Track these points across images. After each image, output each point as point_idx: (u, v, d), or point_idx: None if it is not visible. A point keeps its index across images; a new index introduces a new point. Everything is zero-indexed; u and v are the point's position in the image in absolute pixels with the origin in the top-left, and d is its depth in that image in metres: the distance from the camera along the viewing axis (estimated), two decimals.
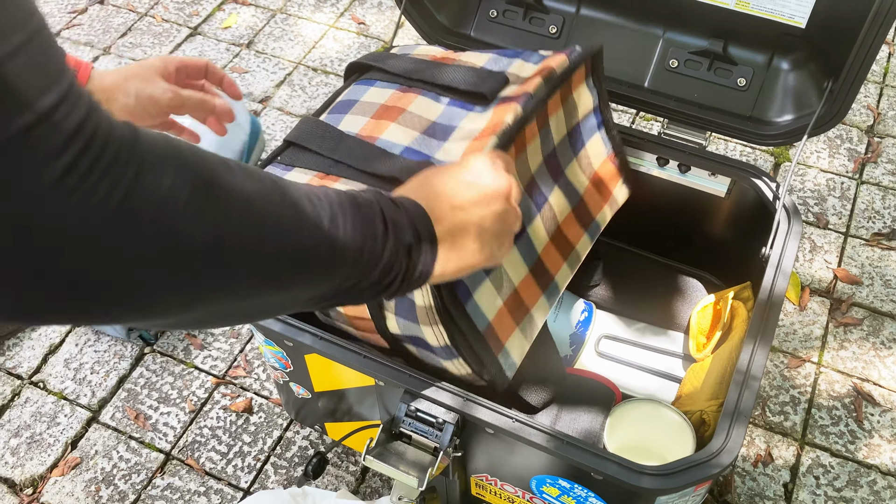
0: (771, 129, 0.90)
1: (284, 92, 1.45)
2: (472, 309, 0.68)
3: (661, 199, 0.99)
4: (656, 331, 0.99)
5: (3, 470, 1.02)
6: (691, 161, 0.92)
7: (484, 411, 0.73)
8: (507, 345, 0.72)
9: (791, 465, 0.99)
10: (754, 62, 0.91)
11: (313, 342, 0.77)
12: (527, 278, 0.73)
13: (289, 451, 1.02)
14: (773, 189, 0.88)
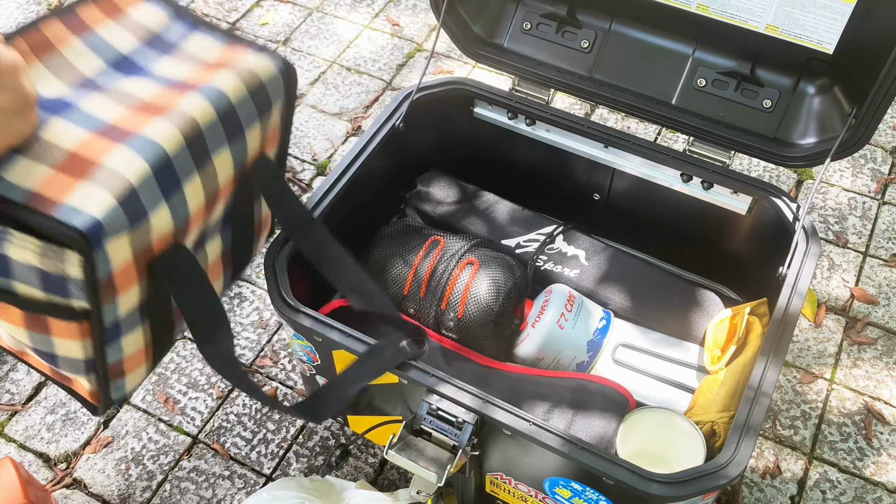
0: (794, 151, 0.92)
1: (318, 90, 1.49)
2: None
3: (683, 214, 1.02)
4: (672, 342, 1.02)
5: (39, 445, 1.07)
6: (715, 179, 0.95)
7: (502, 413, 0.76)
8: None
9: (799, 478, 1.02)
10: (781, 85, 0.93)
11: (341, 339, 0.81)
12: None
13: (311, 440, 1.06)
14: (794, 210, 0.91)
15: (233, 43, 0.77)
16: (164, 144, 0.66)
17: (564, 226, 1.08)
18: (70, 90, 0.69)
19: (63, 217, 0.60)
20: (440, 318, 0.99)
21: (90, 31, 0.74)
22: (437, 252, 1.01)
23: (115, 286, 0.67)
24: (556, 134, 1.03)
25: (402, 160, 1.06)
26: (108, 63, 0.73)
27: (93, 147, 0.64)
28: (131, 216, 0.64)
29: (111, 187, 0.63)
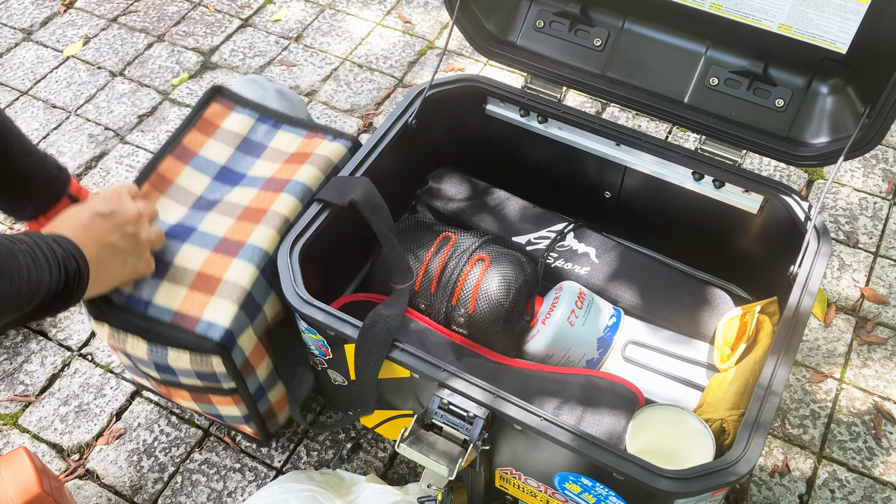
0: (806, 150, 0.92)
1: (330, 87, 1.49)
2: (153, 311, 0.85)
3: (694, 212, 1.02)
4: (682, 340, 1.02)
5: (52, 436, 1.08)
6: (726, 177, 0.95)
7: (513, 408, 0.76)
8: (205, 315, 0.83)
9: (807, 477, 1.02)
10: (793, 84, 0.93)
11: (353, 332, 0.81)
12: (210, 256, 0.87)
13: (321, 434, 1.07)
14: (805, 209, 0.91)
15: (312, 133, 0.98)
16: (266, 247, 0.87)
17: (575, 223, 1.08)
18: (188, 211, 0.91)
19: (203, 332, 0.81)
20: (451, 314, 1.00)
21: (194, 155, 0.96)
22: (448, 248, 1.02)
23: (251, 364, 0.88)
24: (567, 132, 1.03)
25: (413, 157, 1.07)
26: (212, 177, 0.94)
27: (215, 264, 0.85)
28: (250, 314, 0.85)
29: (233, 297, 0.82)
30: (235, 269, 0.84)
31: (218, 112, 0.99)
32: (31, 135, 1.43)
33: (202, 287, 0.83)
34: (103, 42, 1.59)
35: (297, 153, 0.95)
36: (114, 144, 1.41)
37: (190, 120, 0.98)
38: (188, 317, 0.82)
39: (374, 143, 0.98)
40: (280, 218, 0.89)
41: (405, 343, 0.88)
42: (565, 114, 1.01)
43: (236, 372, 0.85)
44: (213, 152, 0.96)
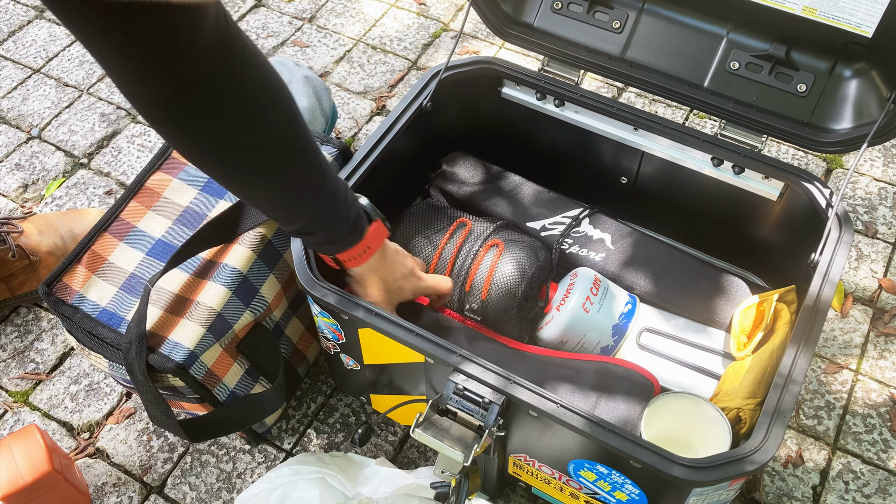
0: (828, 136, 0.91)
1: (343, 68, 1.48)
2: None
3: (712, 199, 1.01)
4: (698, 327, 1.01)
5: (63, 414, 1.07)
6: (746, 163, 0.94)
7: (529, 394, 0.75)
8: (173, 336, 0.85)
9: (821, 468, 1.01)
10: (816, 68, 0.91)
11: (366, 316, 0.81)
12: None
13: (331, 417, 1.06)
14: (827, 196, 0.89)
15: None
16: (241, 267, 0.87)
17: (591, 209, 1.07)
18: (173, 225, 0.91)
19: (167, 352, 0.82)
20: (464, 300, 0.99)
21: (184, 166, 0.96)
22: (463, 234, 1.01)
23: (215, 375, 0.88)
24: (584, 115, 1.02)
25: (427, 140, 1.05)
26: (200, 188, 0.94)
27: (191, 287, 0.86)
28: (218, 333, 0.86)
29: (202, 319, 0.84)
30: (209, 292, 0.85)
31: None
32: (44, 113, 1.42)
33: (175, 309, 0.85)
34: None
35: None
36: (125, 124, 1.40)
37: None
38: (157, 336, 0.83)
39: (388, 125, 0.97)
40: (257, 237, 0.88)
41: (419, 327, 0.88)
42: (582, 97, 1.00)
43: (198, 385, 0.86)
44: None
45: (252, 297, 0.87)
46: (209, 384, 0.88)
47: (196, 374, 0.85)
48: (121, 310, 0.86)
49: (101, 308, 0.86)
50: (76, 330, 0.85)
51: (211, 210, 0.91)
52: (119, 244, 0.90)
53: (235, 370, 0.91)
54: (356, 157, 0.93)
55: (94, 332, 0.84)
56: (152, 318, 0.84)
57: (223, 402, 0.91)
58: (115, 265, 0.88)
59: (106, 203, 1.29)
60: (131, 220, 0.91)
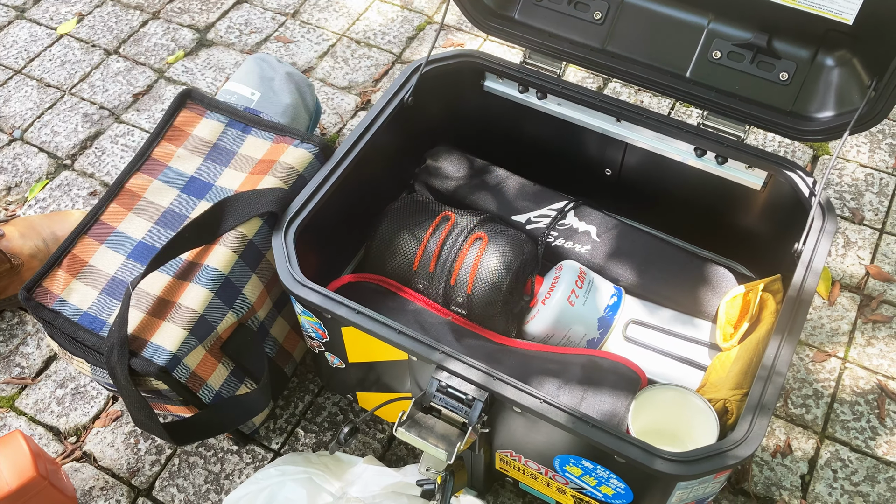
0: (811, 124, 0.90)
1: (327, 63, 1.47)
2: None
3: (697, 189, 1.00)
4: (684, 319, 1.00)
5: (49, 418, 1.07)
6: (729, 153, 0.93)
7: (512, 390, 0.75)
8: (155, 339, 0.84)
9: (810, 457, 1.01)
10: (798, 57, 0.91)
11: (349, 315, 0.80)
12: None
13: (319, 415, 1.06)
14: (810, 185, 0.89)
15: (280, 137, 0.96)
16: (222, 268, 0.86)
17: (576, 201, 1.06)
18: (154, 227, 0.90)
19: (149, 356, 0.82)
20: (449, 295, 0.98)
21: (164, 167, 0.95)
22: (447, 227, 1.00)
23: (199, 377, 0.88)
24: (567, 108, 1.01)
25: (411, 134, 1.05)
26: (180, 190, 0.93)
27: (172, 290, 0.85)
28: (201, 335, 0.85)
29: (184, 321, 0.83)
30: (190, 294, 0.85)
31: (188, 119, 0.98)
32: (26, 115, 1.41)
33: (157, 312, 0.84)
34: (97, 19, 1.56)
35: (264, 160, 0.94)
36: (109, 124, 1.39)
37: (161, 129, 0.97)
38: (139, 339, 0.83)
39: (369, 120, 0.96)
40: (238, 237, 0.88)
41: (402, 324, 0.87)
42: (564, 89, 0.99)
43: (182, 387, 0.86)
44: (182, 163, 0.95)
45: (234, 297, 0.87)
46: (193, 386, 0.87)
47: (179, 376, 0.84)
48: (102, 313, 0.85)
49: (83, 312, 0.85)
50: (58, 335, 0.84)
51: (192, 211, 0.90)
52: (100, 247, 0.89)
53: (220, 371, 0.90)
54: (337, 153, 0.93)
55: (76, 336, 0.84)
56: (134, 321, 0.83)
57: (208, 403, 0.91)
58: (95, 268, 0.88)
59: (90, 204, 1.28)
60: (112, 222, 0.90)
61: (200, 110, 0.98)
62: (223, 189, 0.91)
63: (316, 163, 0.93)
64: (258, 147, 0.94)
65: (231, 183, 0.92)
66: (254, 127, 0.96)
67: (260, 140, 0.95)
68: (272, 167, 0.91)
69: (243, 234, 0.87)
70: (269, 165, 0.92)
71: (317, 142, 0.94)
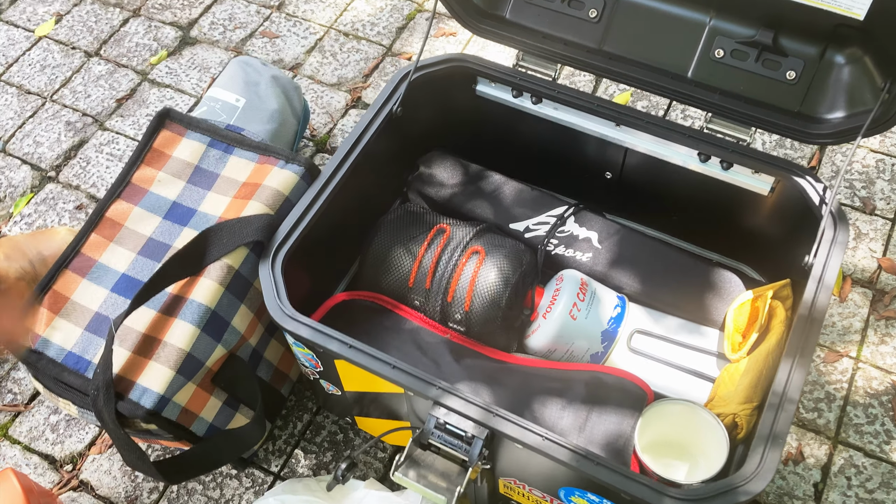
0: (821, 126, 0.86)
1: (315, 59, 1.42)
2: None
3: (700, 192, 0.96)
4: (690, 327, 0.97)
5: (44, 446, 1.05)
6: (734, 158, 0.89)
7: (513, 427, 0.72)
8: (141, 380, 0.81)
9: (823, 464, 0.98)
10: (806, 54, 0.86)
11: (341, 349, 0.77)
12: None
13: (318, 435, 1.03)
14: (820, 192, 0.85)
15: (264, 157, 0.92)
16: (208, 302, 0.82)
17: (576, 206, 1.02)
18: (137, 258, 0.87)
19: (136, 398, 0.79)
20: (446, 312, 0.95)
21: (145, 193, 0.91)
22: (442, 241, 0.97)
23: (191, 412, 0.85)
24: (564, 112, 0.97)
25: (401, 143, 1.01)
26: (163, 216, 0.89)
27: (157, 326, 0.82)
28: (189, 373, 0.82)
29: (170, 361, 0.80)
30: (176, 331, 0.82)
31: (168, 140, 0.93)
32: (6, 124, 1.37)
33: (143, 350, 0.81)
34: (76, 19, 1.51)
35: (248, 183, 0.90)
36: (93, 131, 1.35)
37: (140, 152, 0.93)
38: (125, 380, 0.80)
39: (357, 134, 0.92)
40: (224, 268, 0.84)
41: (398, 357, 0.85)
42: (560, 94, 0.95)
43: (174, 425, 0.83)
44: (163, 188, 0.91)
45: (223, 330, 0.84)
46: (185, 422, 0.85)
47: (170, 415, 0.82)
48: (87, 353, 0.82)
49: (67, 351, 0.82)
50: (42, 376, 0.82)
51: (175, 239, 0.87)
52: (82, 281, 0.86)
53: (213, 403, 0.88)
54: (324, 172, 0.89)
55: (61, 378, 0.81)
56: (119, 361, 0.80)
57: (203, 435, 0.88)
58: (78, 304, 0.85)
59: (77, 219, 1.25)
60: (93, 254, 0.87)
61: (180, 130, 0.93)
62: (207, 215, 0.88)
63: (302, 184, 0.89)
64: (241, 168, 0.90)
65: (215, 208, 0.88)
66: (236, 147, 0.92)
67: (243, 161, 0.91)
68: (257, 191, 0.87)
69: (229, 265, 0.83)
70: (253, 189, 0.88)
71: (302, 162, 0.90)
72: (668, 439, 0.93)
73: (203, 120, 0.95)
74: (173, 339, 0.80)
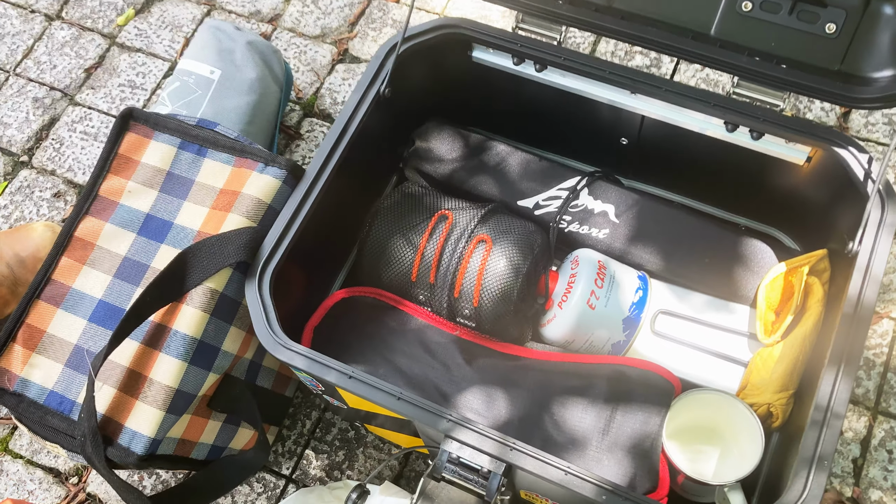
0: (865, 89, 0.75)
1: (295, 8, 1.29)
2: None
3: (728, 161, 0.87)
4: (719, 304, 0.90)
5: (46, 459, 1.01)
6: (765, 128, 0.79)
7: (532, 462, 0.67)
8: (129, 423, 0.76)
9: (862, 437, 0.93)
10: (848, 3, 0.74)
11: (340, 380, 0.71)
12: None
13: (329, 433, 0.99)
14: (865, 165, 0.75)
15: (241, 160, 0.83)
16: (192, 333, 0.76)
17: (589, 176, 0.93)
18: (113, 281, 0.80)
19: (126, 444, 0.74)
20: (454, 307, 0.88)
21: (116, 206, 0.83)
22: (445, 229, 0.89)
23: (188, 441, 0.81)
24: (572, 79, 0.87)
25: (394, 118, 0.91)
26: (137, 232, 0.82)
27: (142, 360, 0.75)
28: (179, 410, 0.76)
29: (158, 401, 0.74)
30: (161, 367, 0.75)
31: (134, 144, 0.84)
32: None
33: (128, 388, 0.75)
34: None
35: (226, 191, 0.81)
36: (63, 107, 1.25)
37: (105, 160, 0.83)
38: (113, 422, 0.74)
39: (342, 124, 0.83)
40: (206, 293, 0.76)
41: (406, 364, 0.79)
42: (567, 60, 0.84)
43: (170, 459, 0.79)
44: (135, 199, 0.82)
45: (213, 358, 0.78)
46: (184, 452, 0.80)
47: (165, 451, 0.77)
48: (70, 391, 0.76)
49: (48, 391, 0.77)
50: (25, 420, 0.76)
51: (153, 259, 0.79)
52: (56, 311, 0.79)
53: (212, 426, 0.82)
54: (309, 172, 0.80)
55: (45, 421, 0.76)
56: (105, 400, 0.74)
57: (206, 458, 0.84)
58: (56, 337, 0.78)
59: (56, 208, 1.17)
60: (65, 280, 0.80)
61: (147, 132, 0.84)
62: (185, 228, 0.80)
63: (285, 189, 0.81)
64: (217, 173, 0.82)
65: (192, 220, 0.80)
66: (209, 148, 0.83)
67: (218, 164, 0.82)
68: (236, 201, 0.79)
69: (212, 289, 0.76)
70: (232, 198, 0.79)
71: (283, 164, 0.81)
72: (698, 423, 0.87)
73: (171, 118, 0.85)
74: (159, 377, 0.74)
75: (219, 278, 0.76)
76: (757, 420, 0.81)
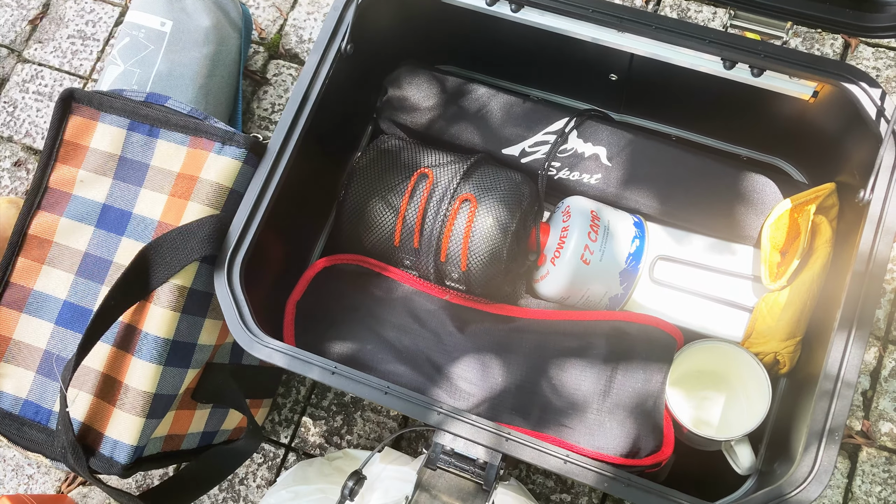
0: (879, 16, 0.68)
1: None
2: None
3: (726, 97, 0.80)
4: (721, 246, 0.85)
5: None
6: (766, 64, 0.72)
7: (530, 451, 0.64)
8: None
9: (871, 368, 0.90)
10: None
11: (323, 377, 0.67)
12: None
13: (325, 398, 0.97)
14: (878, 103, 0.68)
15: (196, 139, 0.76)
16: (163, 334, 0.71)
17: (578, 117, 0.86)
18: (76, 280, 0.75)
19: (108, 453, 0.71)
20: (441, 271, 0.84)
21: (69, 198, 0.77)
22: (426, 190, 0.83)
23: (176, 436, 0.78)
24: (552, 18, 0.78)
25: (361, 72, 0.84)
26: (95, 224, 0.76)
27: (115, 363, 0.72)
28: (160, 412, 0.73)
29: (136, 408, 0.71)
30: (136, 372, 0.71)
31: (80, 128, 0.76)
32: None
33: (105, 394, 0.71)
34: None
35: (183, 175, 0.74)
36: (11, 66, 1.17)
37: (51, 148, 0.76)
38: (93, 431, 0.71)
39: (303, 90, 0.75)
40: (174, 291, 0.71)
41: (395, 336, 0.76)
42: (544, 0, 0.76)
43: (158, 458, 0.76)
44: (88, 189, 0.75)
45: (190, 354, 0.74)
46: (172, 447, 0.78)
47: (152, 451, 0.74)
48: (44, 400, 0.73)
49: (23, 401, 0.73)
50: (3, 432, 0.74)
51: (114, 253, 0.74)
52: (20, 316, 0.75)
53: (199, 415, 0.80)
54: (271, 147, 0.74)
55: (23, 433, 0.73)
56: (82, 408, 0.71)
57: (197, 446, 0.82)
58: (23, 344, 0.74)
59: (18, 178, 1.11)
60: (25, 282, 0.75)
61: (92, 114, 0.77)
62: (145, 219, 0.74)
63: (247, 169, 0.74)
64: (172, 155, 0.75)
65: (152, 209, 0.74)
66: (161, 128, 0.76)
67: (173, 146, 0.75)
68: (195, 188, 0.73)
69: (180, 286, 0.71)
70: (190, 184, 0.73)
71: (242, 142, 0.74)
72: (703, 369, 0.85)
73: (116, 94, 0.78)
74: (134, 383, 0.70)
75: (186, 274, 0.71)
76: (765, 372, 0.78)
